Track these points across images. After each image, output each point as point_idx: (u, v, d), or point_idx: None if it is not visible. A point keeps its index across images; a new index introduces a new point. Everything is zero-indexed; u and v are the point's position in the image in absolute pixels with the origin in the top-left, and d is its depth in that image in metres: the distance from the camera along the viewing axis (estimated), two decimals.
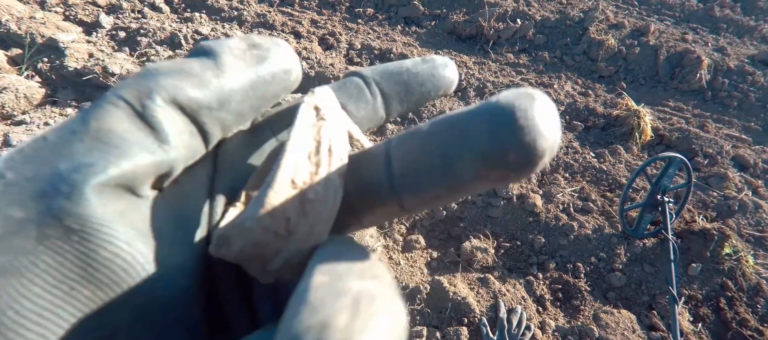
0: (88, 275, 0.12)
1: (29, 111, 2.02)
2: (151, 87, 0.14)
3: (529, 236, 1.85)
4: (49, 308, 0.11)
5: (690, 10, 3.53)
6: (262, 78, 0.16)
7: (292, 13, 3.02)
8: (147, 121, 0.13)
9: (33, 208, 0.11)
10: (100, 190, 0.12)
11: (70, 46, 2.23)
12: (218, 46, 0.16)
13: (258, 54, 0.16)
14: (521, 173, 0.12)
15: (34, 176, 0.12)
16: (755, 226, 1.98)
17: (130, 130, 0.13)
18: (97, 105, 0.13)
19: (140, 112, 0.13)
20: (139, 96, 0.13)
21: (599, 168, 2.17)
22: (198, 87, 0.14)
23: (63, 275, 0.11)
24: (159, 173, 0.14)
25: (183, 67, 0.15)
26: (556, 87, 2.68)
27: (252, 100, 0.16)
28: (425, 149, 0.13)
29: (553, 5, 3.33)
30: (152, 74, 0.14)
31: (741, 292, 1.72)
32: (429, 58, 0.21)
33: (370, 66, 0.19)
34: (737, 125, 2.60)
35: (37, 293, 0.11)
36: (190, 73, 0.14)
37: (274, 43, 0.17)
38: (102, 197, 0.12)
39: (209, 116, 0.15)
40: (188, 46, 2.52)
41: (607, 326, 1.55)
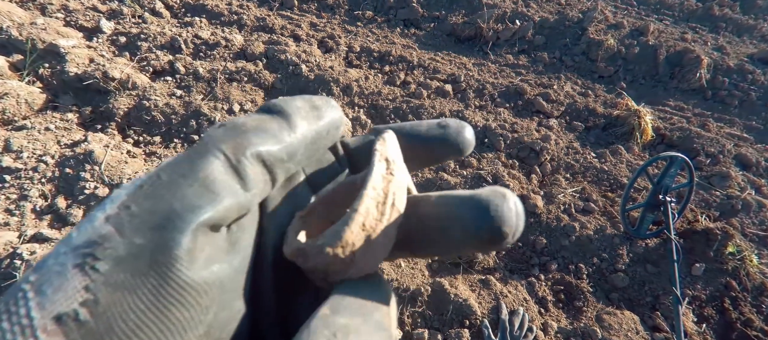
0: (181, 297, 0.14)
1: (30, 116, 2.03)
2: (244, 144, 0.17)
3: (531, 237, 1.84)
4: (145, 323, 0.13)
5: (689, 9, 3.53)
6: (320, 134, 0.20)
7: (291, 17, 3.03)
8: (239, 173, 0.16)
9: (150, 237, 0.14)
10: (198, 228, 0.15)
11: (71, 51, 2.24)
12: (288, 107, 0.19)
13: (317, 114, 0.20)
14: (492, 249, 0.18)
15: (154, 209, 0.14)
16: (759, 225, 1.97)
17: (225, 179, 0.16)
18: (202, 154, 0.16)
19: (235, 166, 0.16)
20: (234, 151, 0.16)
21: (600, 168, 2.16)
22: (276, 144, 0.18)
23: (161, 296, 0.14)
24: (241, 214, 0.17)
25: (265, 126, 0.18)
26: (556, 87, 2.68)
27: (311, 150, 0.20)
28: (432, 217, 0.18)
29: (551, 6, 3.33)
30: (242, 131, 0.17)
31: (745, 292, 1.70)
32: (444, 122, 0.23)
33: (391, 124, 0.23)
34: (739, 124, 2.59)
35: (140, 308, 0.13)
36: (270, 132, 0.18)
37: (327, 103, 0.21)
38: (197, 233, 0.15)
39: (280, 166, 0.18)
40: (188, 50, 2.53)
41: (610, 328, 1.54)
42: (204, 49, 2.55)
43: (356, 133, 2.19)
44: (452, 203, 0.18)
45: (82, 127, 2.07)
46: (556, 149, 2.22)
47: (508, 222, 0.17)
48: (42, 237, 1.57)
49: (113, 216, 0.14)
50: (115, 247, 0.13)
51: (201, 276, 0.15)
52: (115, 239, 0.13)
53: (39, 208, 1.68)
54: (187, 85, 2.31)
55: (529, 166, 2.15)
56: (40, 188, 1.73)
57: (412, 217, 0.19)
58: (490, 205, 0.17)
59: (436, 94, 2.50)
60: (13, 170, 1.75)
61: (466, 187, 1.97)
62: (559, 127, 2.41)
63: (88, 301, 0.12)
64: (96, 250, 0.13)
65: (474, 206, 0.17)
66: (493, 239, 0.17)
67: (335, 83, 2.40)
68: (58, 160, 1.82)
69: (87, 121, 2.11)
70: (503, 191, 0.18)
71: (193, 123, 2.12)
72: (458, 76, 2.64)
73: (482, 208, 0.17)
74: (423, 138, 0.22)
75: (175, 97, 2.23)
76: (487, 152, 2.18)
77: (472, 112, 2.40)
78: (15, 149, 1.82)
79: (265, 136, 0.17)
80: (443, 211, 0.18)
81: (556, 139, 2.28)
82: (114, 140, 1.97)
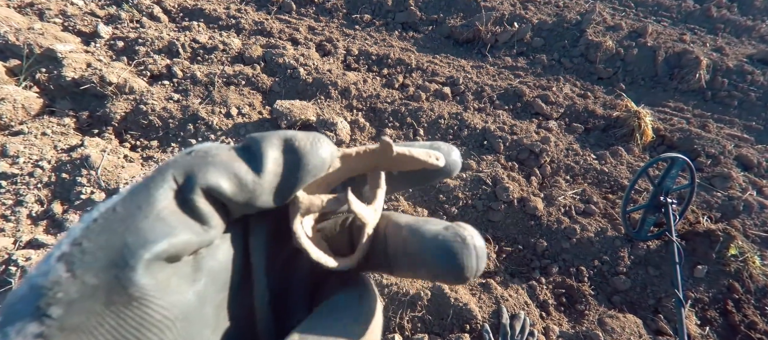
0: (141, 334, 0.14)
1: (27, 121, 2.02)
2: (198, 178, 0.16)
3: (531, 239, 1.83)
4: None
5: (687, 10, 3.54)
6: (292, 184, 0.19)
7: (289, 21, 3.03)
8: (189, 207, 0.16)
9: (104, 277, 0.13)
10: (151, 262, 0.14)
11: (68, 56, 2.23)
12: (265, 148, 0.18)
13: (293, 161, 0.19)
14: (454, 283, 0.19)
15: (106, 245, 0.14)
16: (761, 226, 1.95)
17: (180, 214, 0.15)
18: (159, 183, 0.15)
19: (185, 199, 0.16)
20: (186, 184, 0.16)
21: (600, 170, 2.15)
22: (233, 186, 0.17)
23: (120, 335, 0.13)
24: (200, 247, 0.17)
25: (231, 164, 0.17)
26: (555, 89, 2.67)
27: (275, 199, 0.19)
28: (404, 249, 0.20)
29: (549, 8, 3.33)
30: (205, 162, 0.16)
31: (749, 294, 1.68)
32: (436, 145, 0.24)
33: None
34: (739, 125, 2.58)
35: None
36: (232, 171, 0.17)
37: (313, 147, 0.19)
38: (154, 268, 0.14)
39: (236, 208, 0.17)
40: (186, 54, 2.53)
41: (612, 331, 1.52)
42: (202, 53, 2.55)
43: (355, 136, 2.18)
44: (418, 241, 0.19)
45: (79, 132, 2.06)
46: (555, 151, 2.21)
47: (469, 267, 0.18)
48: (37, 243, 1.55)
49: (66, 255, 0.13)
50: (67, 290, 0.13)
51: (162, 313, 0.14)
52: (67, 280, 0.13)
53: (35, 213, 1.66)
54: (184, 89, 2.30)
55: (528, 169, 2.14)
56: (36, 193, 1.71)
57: (390, 243, 0.20)
58: (451, 250, 0.18)
59: (434, 97, 2.49)
60: (9, 176, 1.74)
61: (465, 189, 1.96)
62: (559, 129, 2.40)
63: None
64: (47, 294, 0.13)
65: (438, 249, 0.18)
66: (456, 279, 0.18)
67: (333, 86, 2.39)
68: (54, 165, 1.81)
69: (84, 125, 2.10)
70: (464, 235, 0.19)
71: (190, 127, 2.11)
72: (457, 79, 2.63)
73: (445, 253, 0.18)
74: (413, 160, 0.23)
75: (173, 101, 2.22)
76: (487, 155, 2.17)
77: (471, 114, 2.39)
78: (11, 154, 1.81)
79: (225, 174, 0.16)
80: (415, 248, 0.19)
81: (556, 141, 2.27)
82: (111, 145, 1.96)
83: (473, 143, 2.24)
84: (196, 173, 0.16)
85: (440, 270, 0.18)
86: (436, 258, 0.18)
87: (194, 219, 0.16)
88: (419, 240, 0.19)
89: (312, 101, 2.33)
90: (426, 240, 0.19)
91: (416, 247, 0.19)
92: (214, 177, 0.16)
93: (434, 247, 0.18)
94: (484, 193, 1.95)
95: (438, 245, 0.18)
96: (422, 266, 0.19)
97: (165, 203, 0.15)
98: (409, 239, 0.19)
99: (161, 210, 0.15)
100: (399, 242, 0.20)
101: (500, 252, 1.80)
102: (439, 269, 0.18)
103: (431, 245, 0.18)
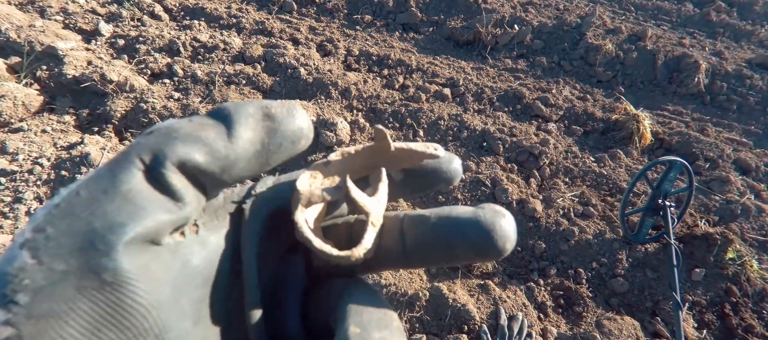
0: (116, 320, 0.13)
1: (27, 118, 2.02)
2: (166, 153, 0.15)
3: (530, 241, 1.83)
4: None
5: (687, 15, 3.55)
6: (269, 148, 0.18)
7: (290, 20, 3.04)
8: (161, 184, 0.15)
9: (73, 262, 0.13)
10: (128, 246, 0.14)
11: (69, 53, 2.24)
12: (236, 113, 0.17)
13: (270, 125, 0.18)
14: (493, 259, 0.20)
15: (71, 231, 0.13)
16: (759, 230, 1.96)
17: (150, 192, 0.15)
18: (123, 165, 0.15)
19: (156, 177, 0.15)
20: (154, 161, 0.15)
21: (599, 172, 2.16)
22: (206, 155, 0.16)
23: (95, 320, 0.13)
24: (175, 227, 0.16)
25: (199, 133, 0.16)
26: (554, 92, 2.68)
27: (254, 167, 0.18)
28: (434, 235, 0.20)
29: (550, 11, 3.34)
30: (171, 137, 0.15)
31: (746, 297, 1.69)
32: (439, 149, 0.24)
33: None
34: (737, 129, 2.59)
35: (71, 334, 0.13)
36: (202, 140, 0.16)
37: (288, 112, 0.18)
38: (129, 251, 0.14)
39: (210, 180, 0.16)
40: (186, 53, 2.53)
41: (610, 333, 1.52)
42: (202, 52, 2.55)
43: (355, 136, 2.18)
44: (457, 221, 0.20)
45: (79, 130, 2.06)
46: (554, 153, 2.22)
47: (511, 237, 0.19)
48: None
49: (29, 241, 0.13)
50: (33, 277, 0.13)
51: (137, 299, 0.14)
52: (33, 267, 0.13)
53: (33, 210, 1.66)
54: (185, 87, 2.30)
55: (527, 171, 2.14)
56: (36, 191, 1.71)
57: (410, 236, 0.21)
58: (494, 226, 0.19)
59: (434, 98, 2.50)
60: (8, 173, 1.74)
61: (464, 191, 1.96)
62: (558, 131, 2.41)
63: (12, 336, 0.12)
64: (13, 281, 0.12)
65: (481, 223, 0.19)
66: (497, 252, 0.19)
67: (334, 87, 2.39)
68: (53, 163, 1.81)
69: (84, 123, 2.10)
70: (502, 210, 0.20)
71: None
72: (457, 80, 2.64)
73: (486, 229, 0.19)
74: (417, 170, 0.23)
75: (173, 99, 2.22)
76: (486, 156, 2.18)
77: (471, 116, 2.40)
78: (11, 151, 1.81)
79: (194, 145, 0.16)
80: (448, 229, 0.20)
81: (555, 143, 2.28)
82: (111, 143, 1.96)
83: (473, 145, 2.25)
84: (164, 150, 0.15)
85: (482, 245, 0.19)
86: (478, 233, 0.19)
87: (166, 196, 0.15)
88: (453, 222, 0.19)
89: (312, 101, 2.34)
90: (461, 220, 0.19)
91: (450, 229, 0.19)
92: (183, 149, 0.15)
93: (473, 224, 0.19)
94: (483, 194, 1.95)
95: (477, 222, 0.19)
96: (462, 247, 0.19)
97: (131, 184, 0.14)
98: (439, 225, 0.20)
99: (128, 192, 0.14)
100: (425, 231, 0.20)
101: None
102: (480, 244, 0.19)
103: (469, 223, 0.19)
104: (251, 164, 0.17)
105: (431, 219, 0.20)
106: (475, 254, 0.19)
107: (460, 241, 0.19)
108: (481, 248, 0.19)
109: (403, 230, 0.21)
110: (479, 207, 0.20)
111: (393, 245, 0.21)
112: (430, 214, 0.21)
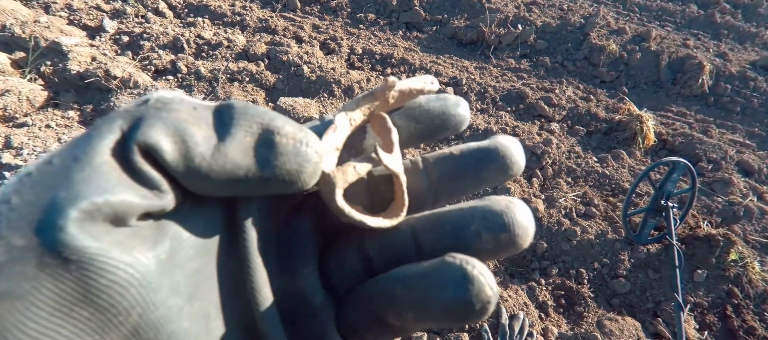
0: (87, 299, 0.12)
1: (31, 113, 2.03)
2: (141, 135, 0.13)
3: (532, 241, 1.83)
4: (51, 328, 0.12)
5: (691, 16, 3.54)
6: (245, 184, 0.15)
7: (294, 19, 3.04)
8: (127, 164, 0.13)
9: (32, 238, 0.12)
10: (92, 221, 0.12)
11: (74, 49, 2.24)
12: (236, 124, 0.15)
13: (262, 157, 0.15)
14: (516, 175, 0.22)
15: (35, 201, 0.12)
16: (761, 232, 1.95)
17: (117, 169, 0.13)
18: (103, 133, 0.13)
19: (122, 154, 0.13)
20: (126, 138, 0.13)
21: (602, 173, 2.15)
22: (179, 155, 0.14)
23: (63, 300, 0.12)
24: (152, 212, 0.14)
25: (187, 128, 0.14)
26: (558, 92, 2.68)
27: (221, 191, 0.15)
28: (461, 166, 0.21)
29: (553, 11, 3.34)
30: (155, 115, 0.14)
31: (748, 299, 1.69)
32: (443, 97, 0.23)
33: None
34: (741, 131, 2.58)
35: (39, 315, 0.12)
36: (184, 137, 0.14)
37: (296, 149, 0.15)
38: (95, 228, 0.12)
39: (182, 180, 0.14)
40: (190, 50, 2.53)
41: (611, 334, 1.52)
42: (206, 49, 2.56)
43: None
44: (485, 149, 0.21)
45: (83, 125, 2.07)
46: (557, 153, 2.22)
47: (523, 158, 0.21)
48: None
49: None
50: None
51: (109, 277, 0.13)
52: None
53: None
54: (188, 84, 2.31)
55: (530, 170, 2.14)
56: None
57: (434, 174, 0.22)
58: (507, 149, 0.21)
59: None
60: (12, 167, 1.75)
61: None
62: (561, 131, 2.41)
63: None
64: None
65: (507, 147, 0.21)
66: (519, 169, 0.21)
67: (337, 84, 2.40)
68: None
69: (88, 119, 2.11)
70: (509, 137, 0.22)
71: None
72: (460, 80, 2.64)
73: (514, 149, 0.21)
74: (424, 109, 0.22)
75: None
76: None
77: (474, 115, 2.40)
78: (15, 146, 1.82)
79: (172, 134, 0.14)
80: (473, 160, 0.21)
81: (558, 143, 2.28)
82: None
83: None
84: (140, 126, 0.13)
85: (506, 166, 0.21)
86: (509, 152, 0.21)
87: (137, 181, 0.13)
88: (476, 150, 0.21)
89: (315, 99, 2.34)
90: (483, 147, 0.21)
91: (476, 156, 0.21)
92: (155, 134, 0.13)
93: (493, 150, 0.21)
94: (485, 192, 1.96)
95: (496, 148, 0.21)
96: (489, 169, 0.21)
97: (107, 156, 0.13)
98: (463, 156, 0.21)
99: (101, 164, 0.13)
100: (449, 166, 0.21)
101: None
102: (505, 165, 0.21)
103: (490, 148, 0.21)
104: (219, 188, 0.15)
105: (454, 153, 0.22)
106: (499, 174, 0.21)
107: (489, 162, 0.21)
108: (504, 168, 0.21)
109: (427, 170, 0.22)
110: (492, 137, 0.22)
111: (419, 186, 0.22)
112: (449, 150, 0.22)
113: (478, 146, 0.21)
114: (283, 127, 0.15)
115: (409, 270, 0.17)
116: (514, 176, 0.22)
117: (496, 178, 0.21)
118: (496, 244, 0.18)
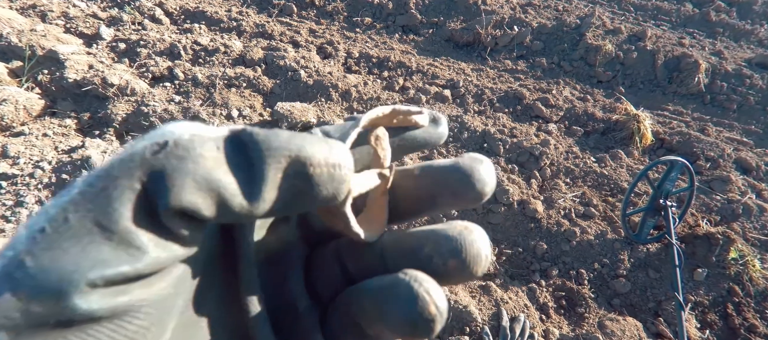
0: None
1: (28, 122, 2.02)
2: (169, 190, 0.13)
3: (531, 242, 1.83)
4: None
5: (686, 15, 3.56)
6: (287, 206, 0.15)
7: (290, 23, 3.05)
8: (157, 227, 0.13)
9: (49, 305, 0.12)
10: (112, 287, 0.12)
11: (70, 57, 2.24)
12: (267, 168, 0.14)
13: (300, 189, 0.15)
14: (474, 203, 0.20)
15: (50, 268, 0.12)
16: (761, 229, 1.95)
17: (148, 234, 0.13)
18: (120, 185, 0.13)
19: (151, 217, 0.13)
20: (152, 194, 0.13)
21: (600, 173, 2.16)
22: (219, 210, 0.14)
23: None
24: (173, 263, 0.14)
25: (218, 181, 0.13)
26: (555, 92, 2.68)
27: (258, 219, 0.16)
28: (419, 186, 0.21)
29: (549, 12, 3.35)
30: (183, 169, 0.13)
31: (749, 297, 1.68)
32: (424, 112, 0.24)
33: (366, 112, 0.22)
34: (738, 128, 2.59)
35: None
36: (219, 192, 0.13)
37: (330, 175, 0.15)
38: (114, 289, 0.13)
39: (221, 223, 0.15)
40: (187, 56, 2.53)
41: (612, 334, 1.52)
42: (203, 55, 2.56)
43: None
44: (437, 172, 0.20)
45: (80, 133, 2.06)
46: (555, 154, 2.22)
47: (489, 183, 0.20)
48: None
49: (9, 273, 0.12)
50: (11, 315, 0.11)
51: (130, 327, 0.13)
52: (12, 303, 0.12)
53: (35, 214, 1.66)
54: (185, 91, 2.31)
55: (528, 171, 2.14)
56: (37, 194, 1.71)
57: (399, 189, 0.21)
58: (473, 172, 0.20)
59: (434, 100, 2.50)
60: (9, 176, 1.74)
61: None
62: (559, 131, 2.41)
63: None
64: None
65: (460, 171, 0.20)
66: (477, 197, 0.20)
67: (334, 89, 2.40)
68: (55, 166, 1.81)
69: (85, 127, 2.10)
70: (480, 157, 0.21)
71: None
72: (457, 82, 2.64)
73: (466, 174, 0.20)
74: (411, 136, 0.23)
75: (174, 102, 2.23)
76: (487, 157, 2.18)
77: (471, 117, 2.40)
78: (12, 155, 1.81)
79: (206, 192, 0.13)
80: (429, 181, 0.20)
81: (556, 144, 2.28)
82: (112, 146, 1.97)
83: (473, 146, 2.25)
84: (170, 187, 0.13)
85: (461, 190, 0.19)
86: (458, 179, 0.19)
87: (165, 238, 0.13)
88: (436, 171, 0.20)
89: (313, 103, 2.34)
90: (443, 168, 0.20)
91: (434, 178, 0.20)
92: (188, 195, 0.13)
93: (459, 169, 0.20)
94: None
95: (461, 166, 0.20)
96: (445, 195, 0.20)
97: (128, 222, 0.12)
98: (422, 176, 0.20)
99: (125, 232, 0.12)
100: (409, 184, 0.21)
101: (500, 254, 1.80)
102: (460, 187, 0.19)
103: (450, 170, 0.20)
104: (254, 221, 0.16)
105: (415, 172, 0.21)
106: (454, 199, 0.20)
107: (442, 189, 0.20)
108: (460, 193, 0.19)
109: (394, 184, 0.22)
110: (460, 156, 0.21)
111: None
112: (413, 167, 0.21)
113: (439, 166, 0.20)
114: (313, 156, 0.15)
115: (374, 283, 0.18)
116: (475, 204, 0.20)
117: (452, 204, 0.20)
118: (445, 269, 0.18)
